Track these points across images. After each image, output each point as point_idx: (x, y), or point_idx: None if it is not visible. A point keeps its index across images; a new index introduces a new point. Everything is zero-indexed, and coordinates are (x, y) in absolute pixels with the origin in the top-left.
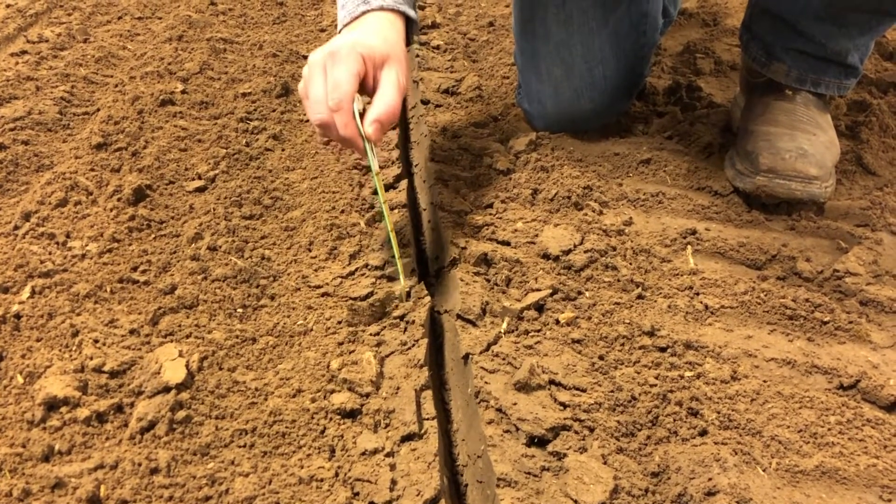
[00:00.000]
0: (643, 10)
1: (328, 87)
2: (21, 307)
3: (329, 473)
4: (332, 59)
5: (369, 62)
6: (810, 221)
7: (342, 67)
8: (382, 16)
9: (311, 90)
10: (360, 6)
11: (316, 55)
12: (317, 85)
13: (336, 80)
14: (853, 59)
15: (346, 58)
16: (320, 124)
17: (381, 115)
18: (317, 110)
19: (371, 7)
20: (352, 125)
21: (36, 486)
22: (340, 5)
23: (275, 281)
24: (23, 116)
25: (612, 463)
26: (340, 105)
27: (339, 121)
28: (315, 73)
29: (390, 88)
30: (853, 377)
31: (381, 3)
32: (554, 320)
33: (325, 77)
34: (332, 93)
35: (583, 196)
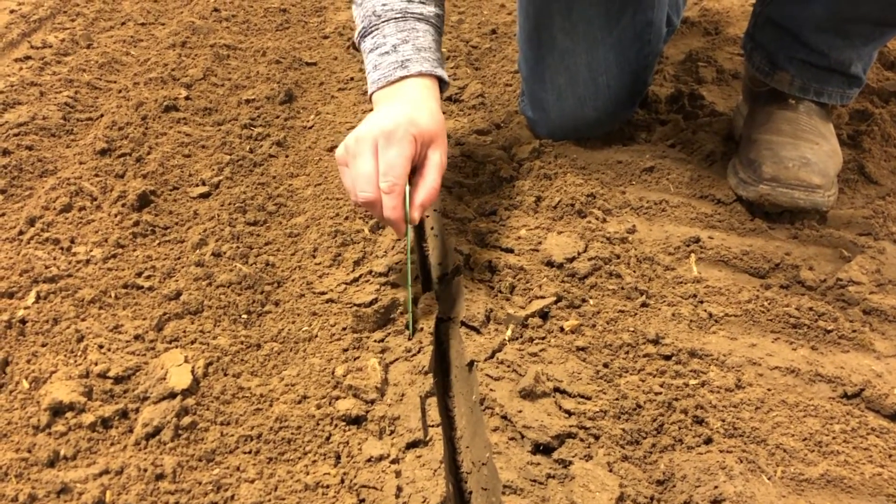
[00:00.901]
0: (647, 18)
1: (381, 168)
2: (26, 312)
3: (335, 480)
4: (386, 139)
5: (419, 142)
6: (813, 230)
7: (397, 150)
8: (421, 83)
9: (359, 166)
10: (396, 70)
11: (367, 130)
12: (366, 162)
13: (391, 162)
14: (856, 68)
15: (401, 140)
16: (366, 202)
17: (425, 200)
18: (364, 188)
19: (410, 73)
20: (400, 209)
21: (42, 491)
22: (372, 66)
23: (279, 287)
24: (27, 122)
25: (617, 471)
26: (394, 189)
27: (389, 203)
28: (365, 148)
29: (434, 172)
30: (857, 386)
31: (419, 68)
32: (558, 328)
33: (374, 155)
34: (387, 175)
35: (586, 204)
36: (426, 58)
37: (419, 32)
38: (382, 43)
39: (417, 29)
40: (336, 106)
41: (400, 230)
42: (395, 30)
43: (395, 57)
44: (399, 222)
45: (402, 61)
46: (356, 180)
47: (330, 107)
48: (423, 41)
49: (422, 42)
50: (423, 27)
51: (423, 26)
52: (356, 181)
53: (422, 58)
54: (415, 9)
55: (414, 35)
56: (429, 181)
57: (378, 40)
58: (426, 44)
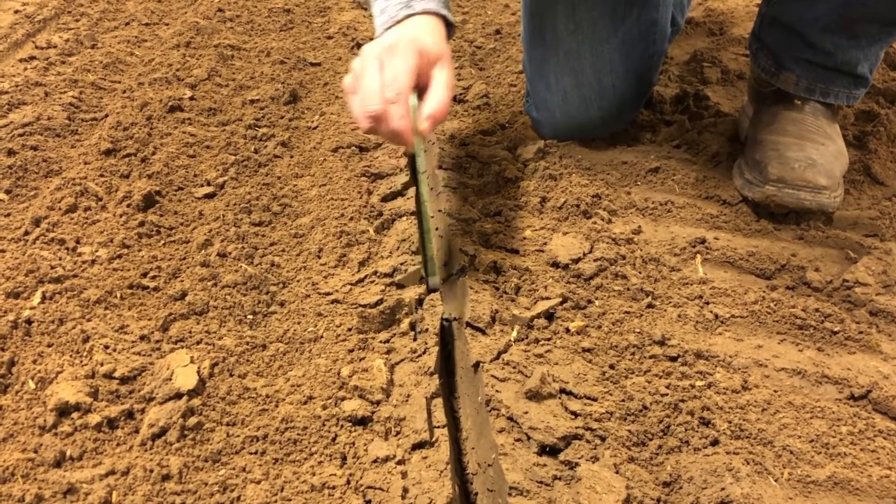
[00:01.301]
0: (652, 18)
1: (386, 79)
2: (32, 312)
3: (341, 481)
4: (389, 52)
5: (424, 59)
6: (819, 231)
7: (400, 60)
8: (426, 19)
9: (365, 81)
10: (402, 10)
11: (371, 48)
12: (372, 76)
13: (395, 72)
14: (863, 69)
15: (404, 51)
16: (374, 115)
17: (434, 111)
18: (371, 101)
19: (414, 11)
20: (407, 118)
21: (48, 491)
22: (380, 9)
23: (284, 287)
24: (31, 122)
25: (624, 472)
26: (399, 97)
27: (396, 112)
28: (370, 64)
29: (442, 87)
30: (864, 387)
31: (423, 6)
32: (564, 329)
33: (380, 69)
34: (391, 84)
35: (591, 204)
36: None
37: None
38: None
39: None
40: (341, 106)
41: (409, 142)
42: None
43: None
44: (407, 132)
45: (406, 1)
46: (363, 95)
47: (334, 107)
48: None
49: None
50: None
51: None
52: (363, 96)
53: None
54: None
55: None
56: (437, 93)
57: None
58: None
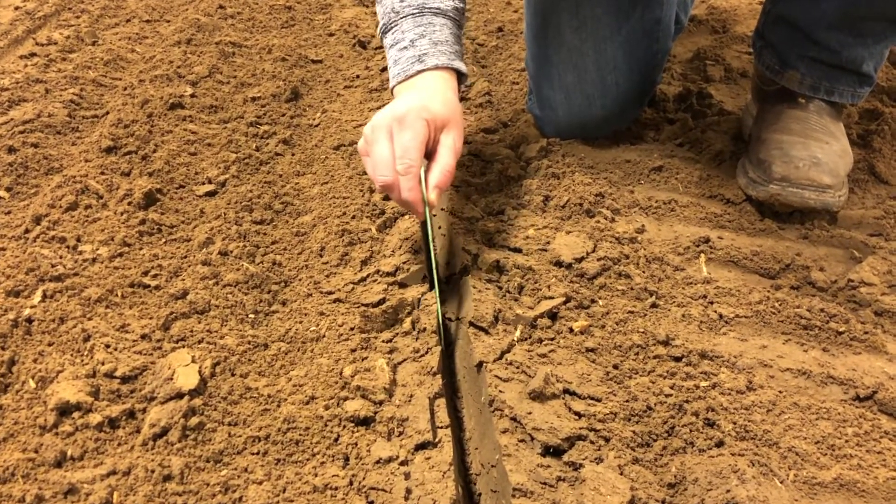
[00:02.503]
0: (656, 17)
1: (397, 152)
2: (33, 311)
3: (343, 482)
4: (399, 124)
5: (431, 126)
6: (823, 230)
7: (410, 134)
8: (437, 75)
9: (376, 151)
10: (414, 65)
11: (381, 118)
12: (382, 147)
13: (405, 146)
14: (868, 67)
15: (413, 124)
16: (385, 185)
17: (439, 181)
18: (382, 172)
19: (426, 67)
20: (417, 190)
21: (49, 491)
22: (393, 61)
23: (286, 286)
24: (32, 119)
25: (628, 473)
26: (409, 171)
27: (406, 185)
28: (380, 135)
29: (447, 154)
30: (870, 388)
31: (435, 62)
32: (567, 328)
33: (390, 140)
34: (402, 158)
35: (594, 203)
36: (442, 51)
37: (436, 27)
38: (401, 38)
39: (434, 23)
40: (342, 104)
41: (418, 211)
42: (413, 25)
43: (412, 52)
44: (417, 203)
45: (419, 56)
46: (375, 165)
47: (336, 104)
48: (439, 35)
49: (438, 36)
50: (441, 21)
51: (440, 20)
52: (375, 166)
53: (438, 51)
54: (432, 3)
55: (431, 30)
56: (442, 162)
57: (397, 36)
58: (443, 37)
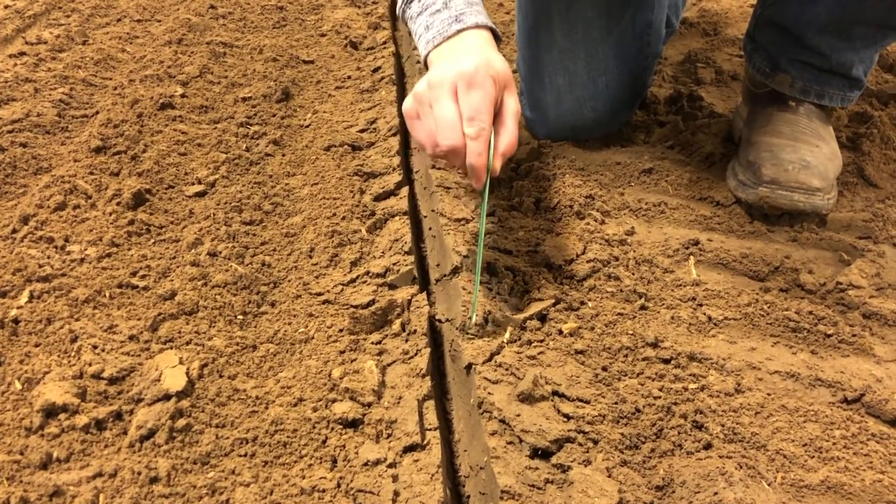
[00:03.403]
0: (647, 20)
1: (466, 113)
2: (19, 312)
3: (331, 484)
4: (466, 81)
5: (498, 86)
6: (812, 233)
7: (480, 93)
8: (480, 34)
9: (441, 111)
10: (452, 24)
11: (441, 75)
12: (448, 107)
13: (475, 106)
14: (857, 71)
15: (482, 82)
16: (450, 149)
17: (506, 149)
18: (448, 135)
19: (466, 25)
20: (485, 155)
21: (34, 493)
22: (424, 26)
23: (275, 287)
24: (21, 118)
25: (616, 476)
26: (481, 133)
27: (476, 149)
28: (443, 94)
29: (512, 120)
30: (857, 391)
31: (475, 20)
32: (557, 330)
33: (455, 99)
34: (474, 120)
35: (585, 205)
36: (478, 10)
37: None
38: (431, 3)
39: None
40: (333, 104)
41: (481, 178)
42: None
43: (447, 13)
44: (482, 170)
45: (456, 16)
46: (439, 127)
47: (327, 105)
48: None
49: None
50: None
51: None
52: (438, 127)
53: (475, 11)
54: None
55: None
56: (509, 129)
57: (426, 1)
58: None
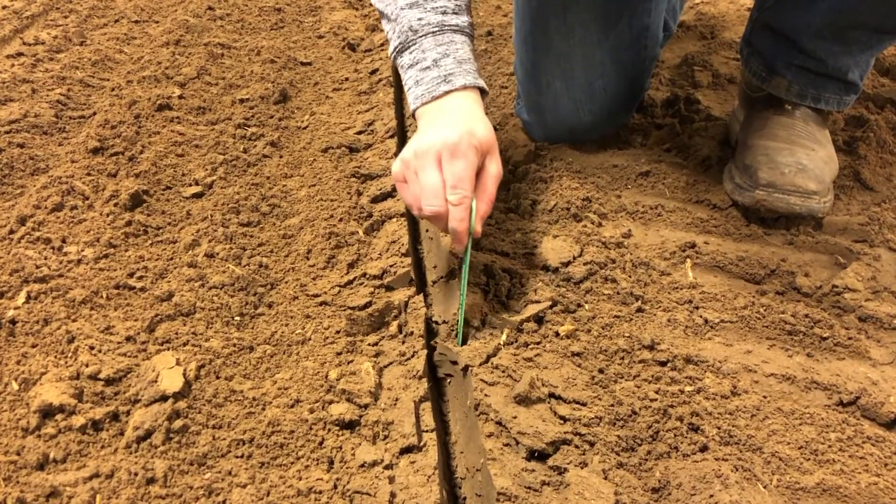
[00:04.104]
0: (644, 23)
1: (449, 181)
2: (16, 312)
3: (328, 486)
4: (450, 152)
5: (480, 153)
6: (809, 236)
7: (463, 163)
8: (466, 96)
9: (425, 179)
10: (440, 85)
11: (427, 144)
12: (432, 176)
13: (458, 175)
14: (854, 75)
15: (465, 153)
16: (434, 215)
17: (485, 212)
18: (432, 202)
19: (454, 87)
20: (467, 221)
21: (31, 494)
22: (414, 81)
23: (272, 289)
24: (18, 119)
25: (612, 478)
26: (463, 201)
27: (457, 215)
28: (428, 163)
29: (492, 184)
30: (853, 394)
31: (462, 81)
32: (554, 333)
33: (439, 168)
34: (456, 188)
35: (582, 208)
36: (467, 70)
37: (457, 45)
38: (422, 58)
39: (455, 41)
40: (331, 106)
41: (463, 241)
42: (434, 44)
43: (437, 72)
44: (464, 234)
45: (444, 76)
46: (423, 193)
47: (325, 107)
48: (462, 53)
49: (461, 54)
50: (461, 39)
51: (460, 38)
52: (423, 194)
53: (464, 70)
54: (451, 21)
55: (453, 48)
56: (488, 192)
57: (417, 56)
58: (465, 55)
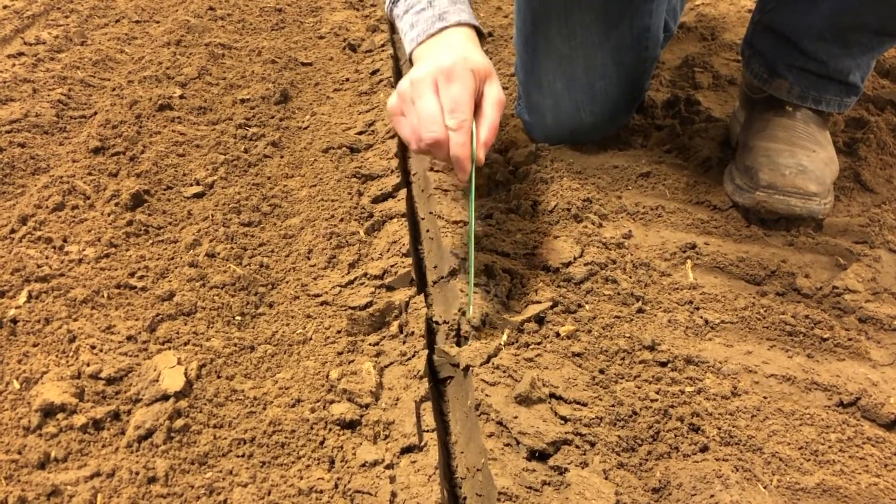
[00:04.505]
0: (646, 24)
1: (447, 105)
2: (17, 312)
3: (329, 485)
4: (445, 76)
5: (477, 78)
6: (809, 237)
7: (460, 86)
8: (462, 31)
9: (422, 105)
10: (435, 23)
11: (422, 72)
12: (429, 101)
13: (456, 98)
14: (854, 77)
15: (461, 75)
16: (434, 142)
17: (486, 138)
18: (431, 128)
19: (448, 23)
20: (468, 145)
21: (32, 493)
22: (409, 25)
23: (273, 289)
24: (19, 119)
25: (613, 478)
26: (462, 125)
27: (458, 139)
28: (425, 89)
29: (493, 108)
30: (853, 395)
31: (457, 18)
32: (554, 333)
33: (436, 93)
34: (454, 112)
35: (582, 208)
36: (462, 9)
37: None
38: (416, 2)
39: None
40: (332, 107)
41: (466, 168)
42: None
43: (431, 12)
44: (466, 160)
45: (439, 14)
46: (421, 121)
47: (325, 107)
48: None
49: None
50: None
51: None
52: (421, 121)
53: (458, 9)
54: None
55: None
56: (489, 117)
57: (411, 1)
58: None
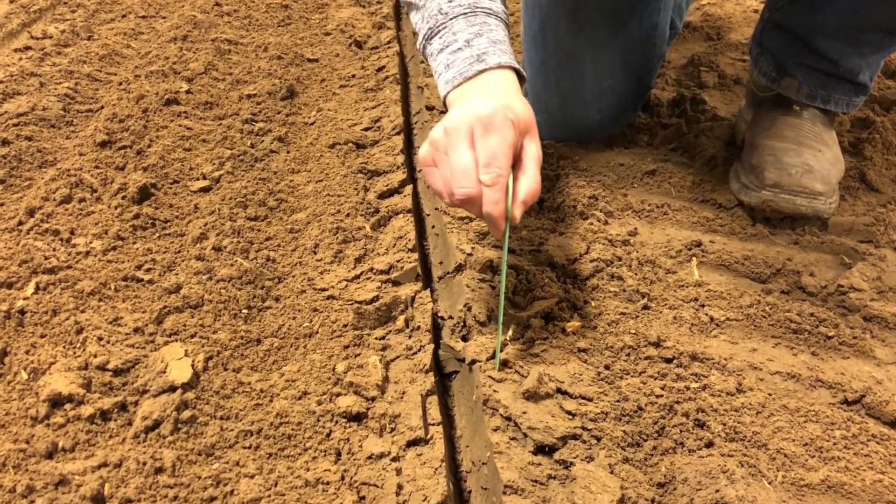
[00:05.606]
0: (654, 21)
1: (482, 158)
2: (25, 303)
3: (335, 477)
4: (483, 125)
5: (517, 130)
6: (814, 236)
7: (498, 137)
8: (502, 75)
9: (456, 159)
10: (473, 65)
11: (457, 120)
12: (463, 154)
13: (492, 151)
14: (864, 77)
15: (500, 126)
16: (466, 198)
17: (527, 196)
18: (463, 183)
19: (488, 66)
20: (503, 203)
21: (40, 482)
22: (444, 66)
23: (280, 283)
24: (26, 112)
25: (618, 472)
26: (497, 180)
27: (492, 197)
28: (459, 140)
29: (533, 165)
30: (858, 392)
31: (497, 60)
32: (560, 329)
33: (471, 145)
34: (489, 166)
35: (588, 206)
36: (503, 50)
37: (491, 26)
38: (453, 40)
39: (489, 23)
40: (338, 103)
41: (499, 228)
42: (466, 25)
43: (469, 52)
44: (500, 219)
45: (478, 55)
46: (454, 174)
47: (331, 103)
48: (496, 34)
49: (495, 35)
50: (494, 21)
51: (493, 20)
52: (454, 175)
53: (499, 50)
54: (483, 3)
55: (487, 28)
56: (530, 174)
57: (448, 38)
58: (500, 37)
